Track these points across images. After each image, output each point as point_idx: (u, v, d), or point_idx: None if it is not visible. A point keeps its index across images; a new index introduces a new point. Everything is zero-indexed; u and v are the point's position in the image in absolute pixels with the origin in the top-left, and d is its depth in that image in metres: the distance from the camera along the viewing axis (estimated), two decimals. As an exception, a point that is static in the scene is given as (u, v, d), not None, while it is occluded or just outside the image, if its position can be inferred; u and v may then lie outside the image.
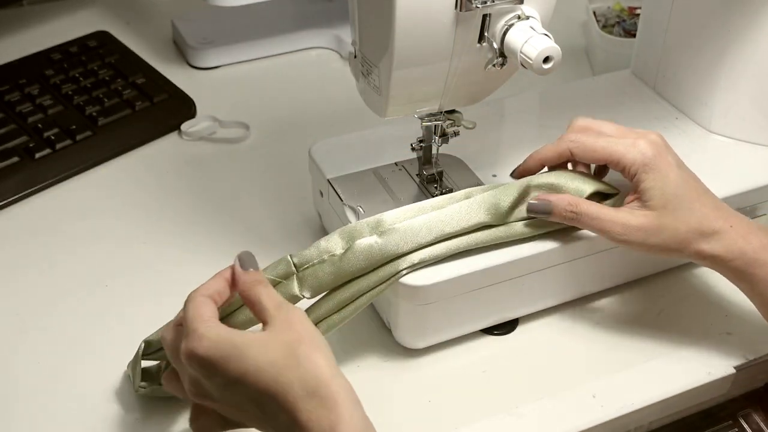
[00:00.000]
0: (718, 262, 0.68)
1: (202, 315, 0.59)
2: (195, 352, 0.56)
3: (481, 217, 0.69)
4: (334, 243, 0.67)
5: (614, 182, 0.72)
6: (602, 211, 0.69)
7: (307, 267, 0.66)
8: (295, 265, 0.66)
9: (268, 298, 0.60)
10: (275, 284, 0.67)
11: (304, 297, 0.67)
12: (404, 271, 0.67)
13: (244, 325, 0.65)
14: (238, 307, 0.66)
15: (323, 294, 0.67)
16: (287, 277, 0.66)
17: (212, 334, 0.57)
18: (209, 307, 0.60)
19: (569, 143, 0.71)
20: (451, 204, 0.69)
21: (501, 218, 0.69)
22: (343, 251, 0.67)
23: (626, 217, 0.68)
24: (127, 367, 0.70)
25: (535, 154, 0.73)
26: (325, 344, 0.58)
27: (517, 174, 0.73)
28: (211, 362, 0.56)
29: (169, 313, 0.68)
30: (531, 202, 0.70)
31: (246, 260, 0.63)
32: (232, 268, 0.63)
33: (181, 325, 0.60)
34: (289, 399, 0.55)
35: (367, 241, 0.66)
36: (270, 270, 0.67)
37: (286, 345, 0.56)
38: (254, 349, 0.56)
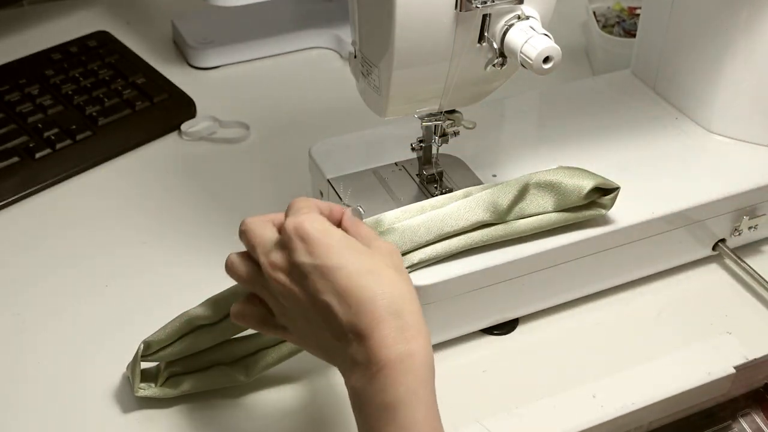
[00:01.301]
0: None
1: (314, 207, 0.59)
2: (305, 225, 0.56)
3: (480, 215, 0.69)
4: None
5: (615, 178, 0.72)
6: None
7: None
8: None
9: (375, 234, 0.61)
10: None
11: None
12: None
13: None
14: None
15: None
16: None
17: (325, 221, 0.58)
18: (318, 209, 0.60)
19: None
20: (450, 203, 0.69)
21: (500, 217, 0.69)
22: None
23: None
24: (127, 368, 0.70)
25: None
26: (415, 293, 0.57)
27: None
28: (316, 241, 0.56)
29: (169, 313, 0.68)
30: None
31: (357, 212, 0.63)
32: (341, 207, 0.62)
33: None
34: (377, 308, 0.54)
35: None
36: None
37: (388, 266, 0.57)
38: (360, 252, 0.56)
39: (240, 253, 0.63)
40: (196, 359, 0.69)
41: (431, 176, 0.77)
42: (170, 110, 0.98)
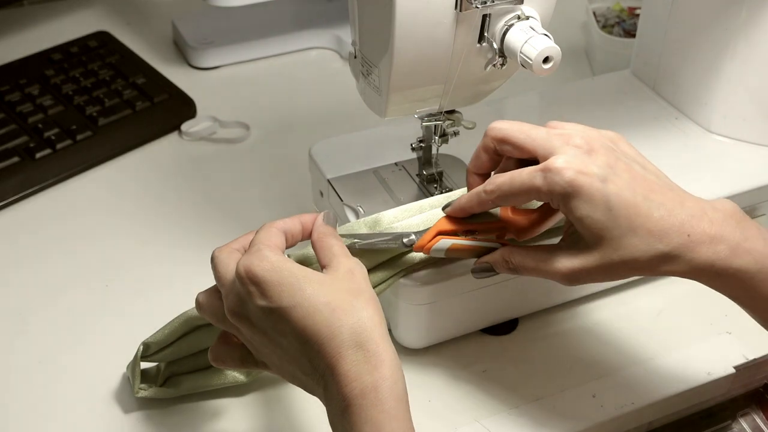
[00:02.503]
0: (691, 277, 0.59)
1: (271, 240, 0.58)
2: (253, 269, 0.55)
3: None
4: None
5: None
6: (538, 260, 0.61)
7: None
8: None
9: (340, 248, 0.59)
10: None
11: None
12: (404, 272, 0.67)
13: None
14: None
15: None
16: None
17: (276, 258, 0.56)
18: (280, 239, 0.59)
19: (494, 138, 0.62)
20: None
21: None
22: None
23: (565, 263, 0.59)
24: (126, 369, 0.70)
25: (465, 203, 0.63)
26: (380, 307, 0.57)
27: (452, 210, 0.65)
28: (266, 283, 0.55)
29: (169, 312, 0.68)
30: (474, 269, 0.65)
31: (328, 217, 0.62)
32: (313, 216, 0.62)
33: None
34: (335, 344, 0.53)
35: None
36: None
37: (345, 291, 0.56)
38: (313, 285, 0.55)
39: (207, 291, 0.62)
40: (195, 359, 0.69)
41: (431, 176, 0.77)
42: (170, 110, 0.99)
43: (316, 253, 0.60)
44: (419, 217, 0.68)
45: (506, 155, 0.62)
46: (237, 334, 0.60)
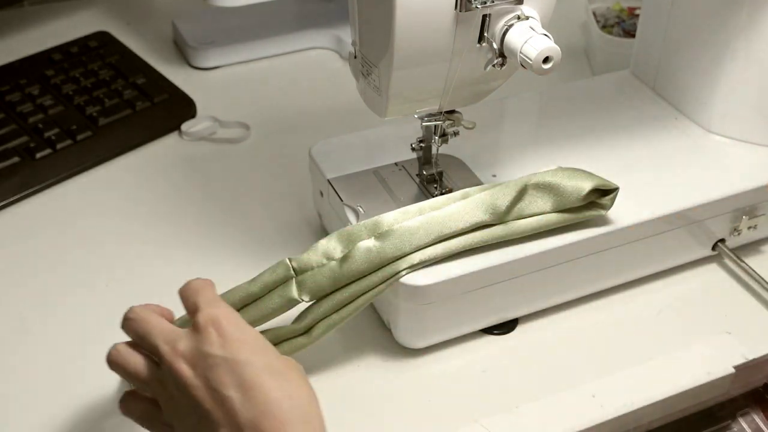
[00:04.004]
0: None
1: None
2: (220, 317, 0.56)
3: (479, 217, 0.69)
4: (332, 247, 0.67)
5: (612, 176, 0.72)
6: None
7: (306, 271, 0.67)
8: (294, 269, 0.67)
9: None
10: (273, 287, 0.67)
11: (303, 301, 0.67)
12: (404, 272, 0.67)
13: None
14: None
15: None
16: (286, 280, 0.67)
17: (241, 318, 0.58)
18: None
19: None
20: (449, 204, 0.69)
21: (500, 217, 0.69)
22: (342, 255, 0.67)
23: None
24: None
25: None
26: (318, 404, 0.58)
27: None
28: (229, 333, 0.55)
29: (169, 313, 0.68)
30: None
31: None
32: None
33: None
34: (281, 412, 0.53)
35: (366, 245, 0.67)
36: (268, 273, 0.67)
37: (295, 371, 0.57)
38: (270, 352, 0.57)
39: (124, 345, 0.60)
40: None
41: (431, 176, 0.77)
42: (170, 110, 0.99)
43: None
44: (419, 219, 0.68)
45: None
46: (156, 392, 0.58)
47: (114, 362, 0.60)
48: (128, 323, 0.60)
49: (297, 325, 0.67)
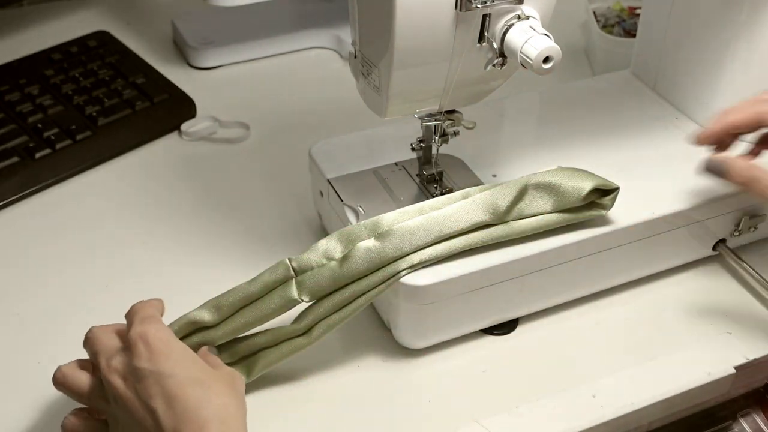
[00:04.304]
0: None
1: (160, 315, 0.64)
2: (148, 332, 0.60)
3: (479, 217, 0.69)
4: (332, 247, 0.67)
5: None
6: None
7: (306, 271, 0.66)
8: (293, 269, 0.67)
9: (217, 360, 0.66)
10: (273, 287, 0.67)
11: (302, 301, 0.67)
12: (404, 272, 0.67)
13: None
14: None
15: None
16: (285, 280, 0.66)
17: (171, 333, 0.62)
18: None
19: (761, 106, 0.70)
20: (449, 204, 0.69)
21: (500, 217, 0.69)
22: (342, 255, 0.67)
23: None
24: None
25: (724, 118, 0.71)
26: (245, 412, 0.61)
27: (700, 138, 0.73)
28: (156, 347, 0.59)
29: (169, 312, 0.68)
30: (707, 159, 0.70)
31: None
32: None
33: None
34: (197, 417, 0.57)
35: (366, 245, 0.67)
36: (268, 273, 0.67)
37: (221, 382, 0.61)
38: (193, 364, 0.61)
39: (74, 363, 0.65)
40: None
41: (431, 176, 0.77)
42: (170, 110, 0.98)
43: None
44: (419, 219, 0.68)
45: None
46: (101, 409, 0.63)
47: (58, 383, 0.64)
48: (85, 343, 0.64)
49: (297, 326, 0.67)
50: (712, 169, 0.70)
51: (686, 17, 0.83)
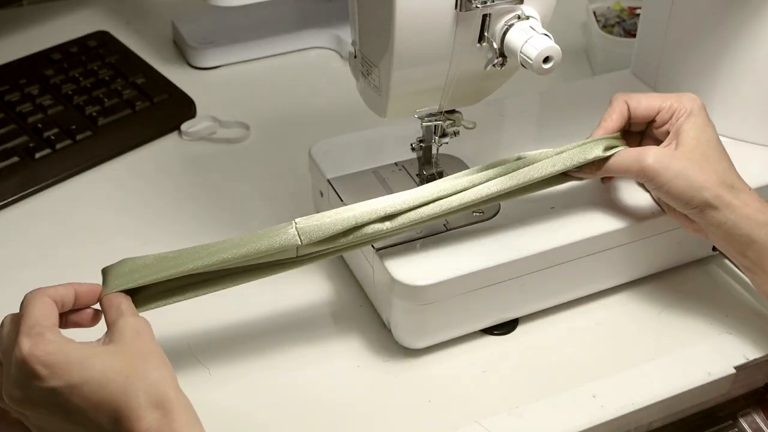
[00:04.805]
0: (731, 214, 0.68)
1: (49, 318, 0.58)
2: (35, 353, 0.55)
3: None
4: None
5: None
6: (627, 152, 0.71)
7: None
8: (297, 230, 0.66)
9: (128, 306, 0.61)
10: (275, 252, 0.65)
11: (301, 243, 0.66)
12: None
13: None
14: None
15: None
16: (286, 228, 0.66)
17: (58, 338, 0.56)
18: (54, 313, 0.59)
19: (624, 97, 0.73)
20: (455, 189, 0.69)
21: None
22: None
23: (658, 150, 0.69)
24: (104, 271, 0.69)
25: (600, 129, 0.73)
26: (168, 363, 0.57)
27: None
28: (52, 365, 0.55)
29: (168, 313, 0.68)
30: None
31: None
32: (91, 286, 0.62)
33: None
34: (133, 407, 0.54)
35: (376, 226, 0.67)
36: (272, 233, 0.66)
37: (135, 357, 0.56)
38: (101, 357, 0.55)
39: None
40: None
41: (431, 176, 0.77)
42: (170, 110, 0.98)
43: (103, 312, 0.61)
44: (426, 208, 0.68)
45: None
46: (22, 419, 0.58)
47: None
48: None
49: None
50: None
51: (686, 17, 0.83)
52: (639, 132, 0.75)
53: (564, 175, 0.72)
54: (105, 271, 0.65)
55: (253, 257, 0.65)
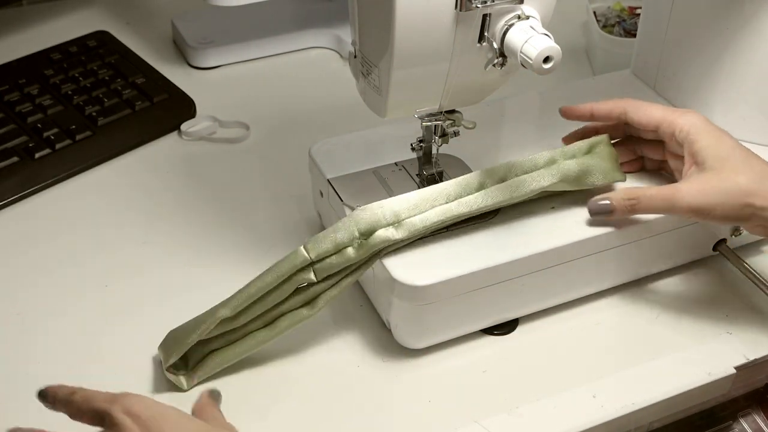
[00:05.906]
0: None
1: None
2: (134, 406, 0.54)
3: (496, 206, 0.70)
4: (350, 234, 0.68)
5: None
6: (661, 189, 0.70)
7: (324, 259, 0.68)
8: (311, 260, 0.68)
9: (221, 418, 0.60)
10: (291, 275, 0.67)
11: (316, 282, 0.68)
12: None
13: None
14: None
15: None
16: (303, 267, 0.68)
17: (153, 399, 0.56)
18: None
19: (624, 103, 0.74)
20: (465, 192, 0.71)
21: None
22: (359, 243, 0.68)
23: (687, 185, 0.68)
24: (159, 348, 0.70)
25: (589, 104, 0.74)
26: None
27: (564, 110, 0.77)
28: (148, 417, 0.54)
29: (168, 313, 0.68)
30: (590, 203, 0.72)
31: (214, 394, 0.63)
32: None
33: None
34: None
35: (385, 234, 0.68)
36: (286, 263, 0.68)
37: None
38: (192, 421, 0.56)
39: None
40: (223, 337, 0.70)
41: (431, 176, 0.77)
42: (170, 110, 0.98)
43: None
44: (434, 211, 0.69)
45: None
46: None
47: None
48: None
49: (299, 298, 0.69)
50: (597, 211, 0.72)
51: (686, 17, 0.83)
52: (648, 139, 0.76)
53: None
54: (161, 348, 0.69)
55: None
